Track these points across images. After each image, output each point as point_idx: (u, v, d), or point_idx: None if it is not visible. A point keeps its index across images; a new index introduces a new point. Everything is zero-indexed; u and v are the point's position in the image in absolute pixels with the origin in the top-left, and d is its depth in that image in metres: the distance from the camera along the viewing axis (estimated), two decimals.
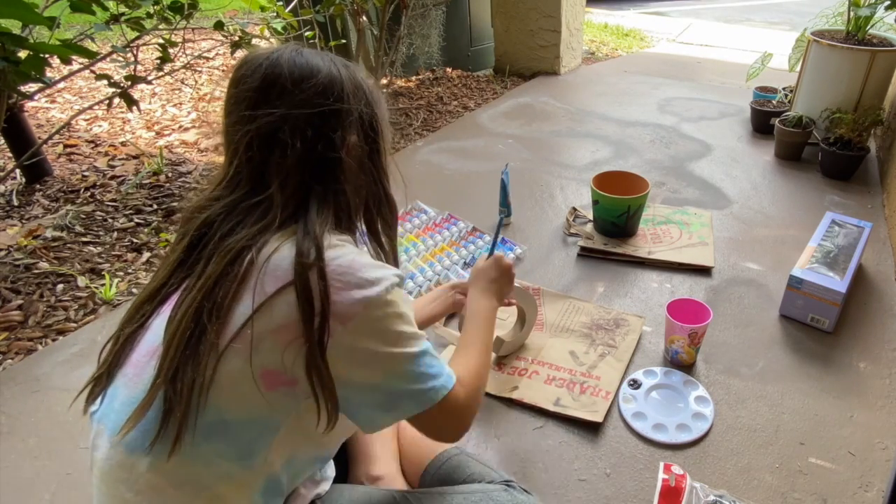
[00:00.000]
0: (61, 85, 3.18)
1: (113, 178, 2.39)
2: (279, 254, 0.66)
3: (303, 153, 0.70)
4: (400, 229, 1.96)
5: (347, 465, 1.05)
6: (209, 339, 0.63)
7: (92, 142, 2.69)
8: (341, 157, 0.72)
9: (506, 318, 1.57)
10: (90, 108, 2.49)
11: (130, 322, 0.71)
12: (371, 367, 0.68)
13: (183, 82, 3.43)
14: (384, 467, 1.02)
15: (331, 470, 0.88)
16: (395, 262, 0.82)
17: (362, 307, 0.66)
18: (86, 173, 2.41)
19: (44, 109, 3.04)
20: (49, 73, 1.75)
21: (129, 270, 1.86)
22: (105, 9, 1.76)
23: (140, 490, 0.65)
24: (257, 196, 0.70)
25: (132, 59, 2.02)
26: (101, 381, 0.71)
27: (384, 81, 3.15)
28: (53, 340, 1.58)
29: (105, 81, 1.85)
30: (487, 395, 1.35)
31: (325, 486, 0.84)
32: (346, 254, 0.68)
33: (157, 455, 0.63)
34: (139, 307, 0.71)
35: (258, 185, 0.71)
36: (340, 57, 0.77)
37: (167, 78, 3.25)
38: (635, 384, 1.36)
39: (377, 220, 0.81)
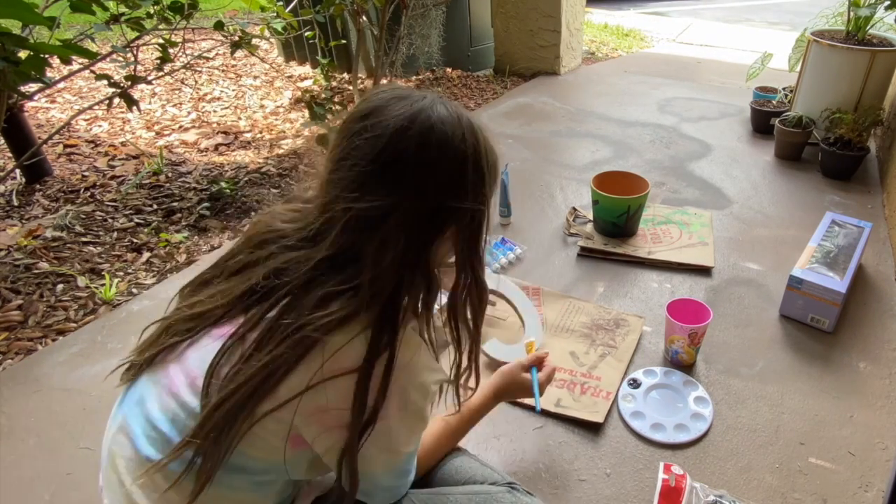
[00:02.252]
0: (61, 85, 3.19)
1: (113, 178, 2.39)
2: (349, 347, 0.63)
3: (404, 252, 0.65)
4: None
5: None
6: (251, 411, 0.62)
7: (92, 142, 2.69)
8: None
9: (506, 318, 1.57)
10: (90, 108, 2.49)
11: (177, 330, 0.69)
12: (370, 446, 0.68)
13: (183, 82, 3.43)
14: None
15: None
16: (476, 351, 0.80)
17: (396, 410, 0.67)
18: (86, 173, 2.41)
19: (44, 109, 3.04)
20: (49, 73, 1.75)
21: (129, 270, 1.86)
22: (105, 9, 1.76)
23: (157, 500, 0.66)
24: (343, 273, 0.65)
25: (132, 59, 2.02)
26: (135, 369, 0.71)
27: (384, 81, 3.15)
28: (53, 340, 1.58)
29: (105, 81, 1.85)
30: None
31: (329, 483, 0.84)
32: (410, 353, 0.67)
33: (179, 485, 0.64)
34: (191, 319, 0.69)
35: (347, 262, 0.65)
36: (471, 118, 0.71)
37: (167, 78, 3.25)
38: (635, 383, 1.36)
39: (465, 307, 0.75)
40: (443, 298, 0.75)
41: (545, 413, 1.30)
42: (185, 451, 0.63)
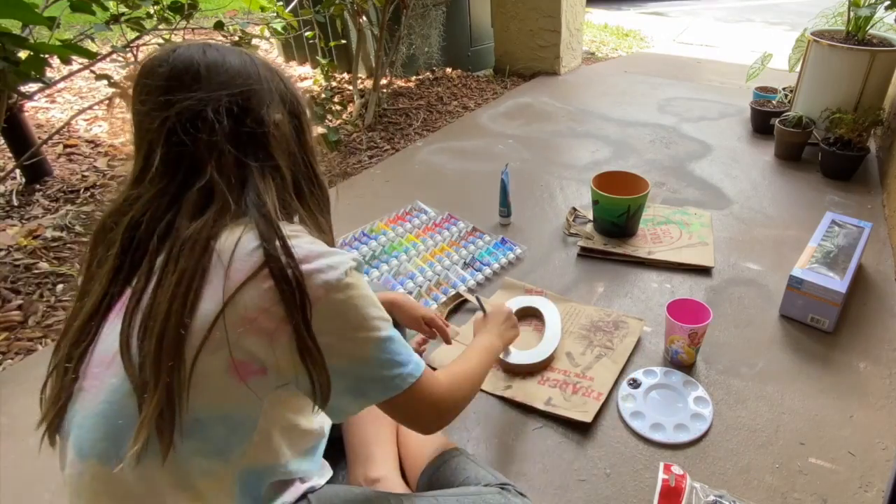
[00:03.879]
0: (61, 85, 3.18)
1: (113, 178, 2.39)
2: (243, 243, 0.64)
3: (232, 128, 0.68)
4: (400, 229, 1.97)
5: (346, 466, 1.05)
6: (189, 340, 0.61)
7: (92, 142, 2.69)
8: (271, 132, 0.71)
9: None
10: (90, 108, 2.49)
11: (77, 344, 0.67)
12: (336, 353, 0.67)
13: None
14: (382, 469, 1.02)
15: (327, 470, 0.88)
16: (332, 244, 0.80)
17: (324, 291, 0.65)
18: (86, 173, 2.41)
19: (44, 109, 3.04)
20: (49, 73, 1.76)
21: None
22: (105, 9, 1.76)
23: (122, 497, 0.64)
24: (193, 184, 0.67)
25: (132, 59, 2.02)
26: (61, 413, 0.67)
27: (384, 81, 3.15)
28: (53, 340, 1.58)
29: (105, 81, 1.85)
30: (483, 391, 1.35)
31: (320, 481, 0.83)
32: (303, 241, 0.68)
33: (140, 462, 0.61)
34: (84, 326, 0.67)
35: (190, 172, 0.67)
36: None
37: None
38: (635, 383, 1.36)
39: (311, 200, 0.78)
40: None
41: (536, 412, 1.30)
42: (124, 413, 0.62)
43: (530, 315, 1.59)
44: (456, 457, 1.04)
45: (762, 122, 2.69)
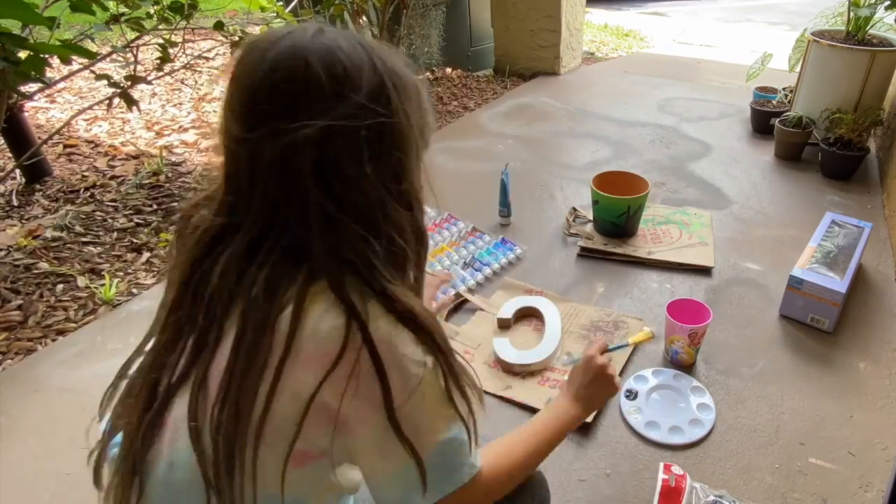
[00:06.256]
0: (61, 85, 3.18)
1: (113, 178, 2.39)
2: (325, 319, 0.54)
3: (369, 184, 0.56)
4: None
5: None
6: (244, 439, 0.54)
7: (92, 142, 2.69)
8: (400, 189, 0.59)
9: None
10: (90, 108, 2.49)
11: (143, 388, 0.59)
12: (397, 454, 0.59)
13: (183, 82, 3.42)
14: None
15: None
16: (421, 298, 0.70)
17: (403, 382, 0.57)
18: (86, 173, 2.41)
19: (44, 109, 3.04)
20: (49, 73, 1.76)
21: (129, 270, 1.86)
22: (105, 9, 1.76)
23: None
24: (284, 238, 0.56)
25: (132, 59, 2.02)
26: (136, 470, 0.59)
27: None
28: (53, 340, 1.58)
29: (105, 81, 1.85)
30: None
31: None
32: (383, 323, 0.56)
33: None
34: (150, 369, 0.59)
35: (287, 221, 0.56)
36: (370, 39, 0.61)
37: (167, 78, 3.24)
38: (631, 395, 1.34)
39: (408, 256, 0.63)
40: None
41: (536, 412, 1.29)
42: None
43: (530, 315, 1.59)
44: None
45: (762, 122, 2.69)
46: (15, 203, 2.18)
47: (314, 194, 0.55)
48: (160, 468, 0.59)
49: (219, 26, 2.05)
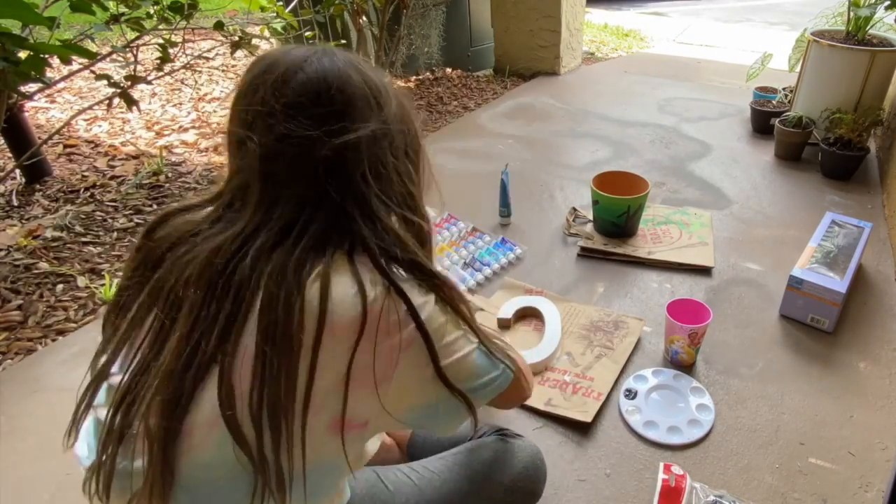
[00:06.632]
0: (61, 85, 3.18)
1: (113, 178, 2.39)
2: (348, 290, 0.60)
3: (400, 178, 0.67)
4: None
5: None
6: (291, 414, 0.58)
7: (92, 142, 2.69)
8: (394, 173, 0.67)
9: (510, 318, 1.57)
10: (90, 108, 2.49)
11: (168, 387, 0.59)
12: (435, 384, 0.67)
13: (183, 82, 3.42)
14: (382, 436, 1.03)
15: None
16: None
17: (425, 329, 0.64)
18: (86, 173, 2.41)
19: (44, 109, 3.04)
20: (49, 73, 1.76)
21: None
22: (105, 9, 1.76)
23: None
24: (309, 221, 0.62)
25: (132, 59, 2.02)
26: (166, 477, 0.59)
27: None
28: (53, 340, 1.58)
29: (105, 81, 1.85)
30: None
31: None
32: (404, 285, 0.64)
33: None
34: (172, 374, 0.58)
35: (308, 208, 0.62)
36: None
37: (167, 78, 3.25)
38: (630, 394, 1.35)
39: (428, 240, 0.73)
40: None
41: (536, 412, 1.30)
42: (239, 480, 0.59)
43: (530, 315, 1.59)
44: None
45: (762, 122, 2.69)
46: (15, 203, 2.18)
47: (363, 187, 0.63)
48: (194, 472, 0.59)
49: (219, 26, 2.05)
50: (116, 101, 1.91)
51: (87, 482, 0.63)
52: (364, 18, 2.84)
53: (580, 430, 1.27)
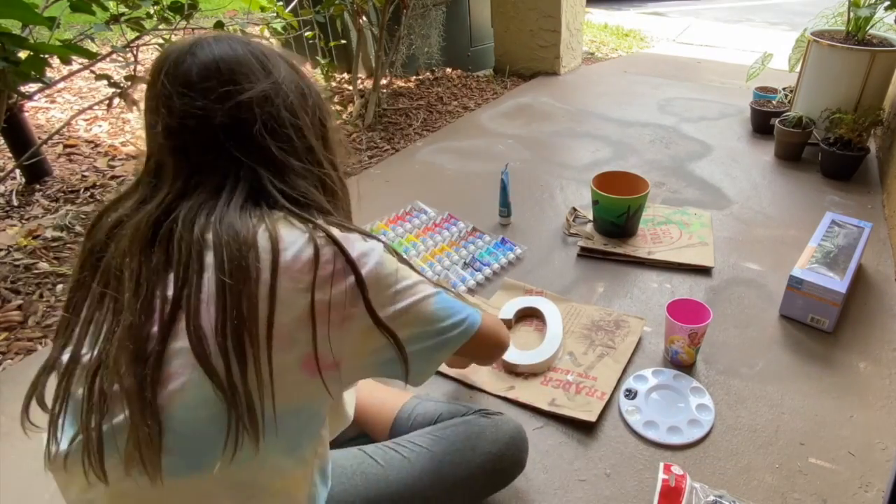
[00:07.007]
0: (61, 85, 3.18)
1: (113, 178, 2.39)
2: (291, 237, 0.64)
3: (272, 126, 0.69)
4: (400, 229, 1.97)
5: None
6: (256, 341, 0.61)
7: (92, 142, 2.69)
8: (300, 130, 0.72)
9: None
10: (90, 108, 2.49)
11: (129, 338, 0.61)
12: (404, 324, 0.70)
13: None
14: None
15: None
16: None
17: (374, 275, 0.67)
18: (86, 173, 2.41)
19: (44, 109, 3.04)
20: (49, 73, 1.75)
21: None
22: (105, 9, 1.76)
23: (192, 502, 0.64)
24: (235, 181, 0.67)
25: (132, 59, 2.02)
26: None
27: (384, 81, 3.15)
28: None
29: (105, 81, 1.85)
30: (485, 392, 1.35)
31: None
32: (336, 233, 0.68)
33: (216, 467, 0.61)
34: (131, 326, 0.61)
35: (228, 169, 0.67)
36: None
37: None
38: (630, 394, 1.35)
39: (334, 199, 0.77)
40: None
41: (545, 413, 1.30)
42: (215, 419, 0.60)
43: (531, 315, 1.59)
44: (421, 402, 1.09)
45: (762, 122, 2.69)
46: (15, 203, 2.18)
47: (263, 143, 0.67)
48: (178, 413, 0.61)
49: (219, 26, 2.05)
50: (116, 101, 1.91)
51: (83, 458, 0.63)
52: (364, 18, 2.84)
53: (580, 430, 1.27)
